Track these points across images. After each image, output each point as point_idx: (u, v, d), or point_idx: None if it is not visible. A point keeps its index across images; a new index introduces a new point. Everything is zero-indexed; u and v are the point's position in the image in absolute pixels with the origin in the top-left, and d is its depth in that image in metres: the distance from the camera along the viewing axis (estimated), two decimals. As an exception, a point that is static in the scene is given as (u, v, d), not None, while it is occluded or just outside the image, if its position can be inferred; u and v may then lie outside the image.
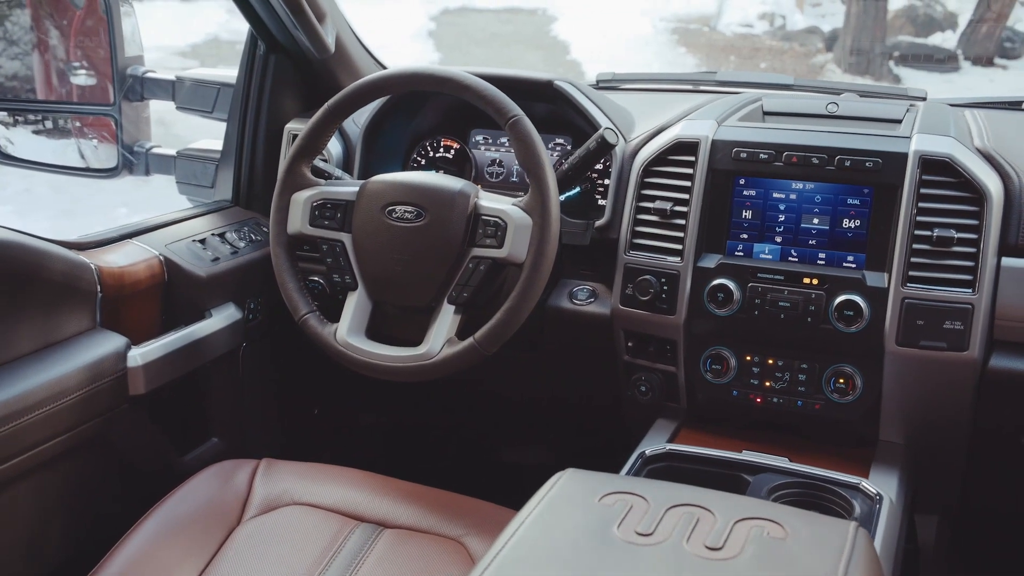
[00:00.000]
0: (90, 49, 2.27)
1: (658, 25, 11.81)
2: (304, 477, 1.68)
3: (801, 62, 10.87)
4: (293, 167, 1.71)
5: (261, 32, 1.97)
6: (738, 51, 11.25)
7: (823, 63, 10.81)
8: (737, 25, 11.93)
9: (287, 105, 2.06)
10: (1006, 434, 1.66)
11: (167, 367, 1.74)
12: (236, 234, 1.98)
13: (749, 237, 1.69)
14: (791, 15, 12.11)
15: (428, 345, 1.61)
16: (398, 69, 1.65)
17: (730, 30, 11.90)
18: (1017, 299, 1.56)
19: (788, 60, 10.87)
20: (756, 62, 10.84)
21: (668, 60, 10.77)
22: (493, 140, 2.05)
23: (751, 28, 11.91)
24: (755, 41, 11.57)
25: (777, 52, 11.17)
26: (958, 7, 12.17)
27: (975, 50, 11.08)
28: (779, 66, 10.67)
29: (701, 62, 10.90)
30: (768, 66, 10.67)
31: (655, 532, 1.15)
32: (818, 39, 11.46)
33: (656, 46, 11.22)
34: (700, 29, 11.97)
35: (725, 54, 11.14)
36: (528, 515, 1.19)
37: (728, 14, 11.99)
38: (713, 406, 1.76)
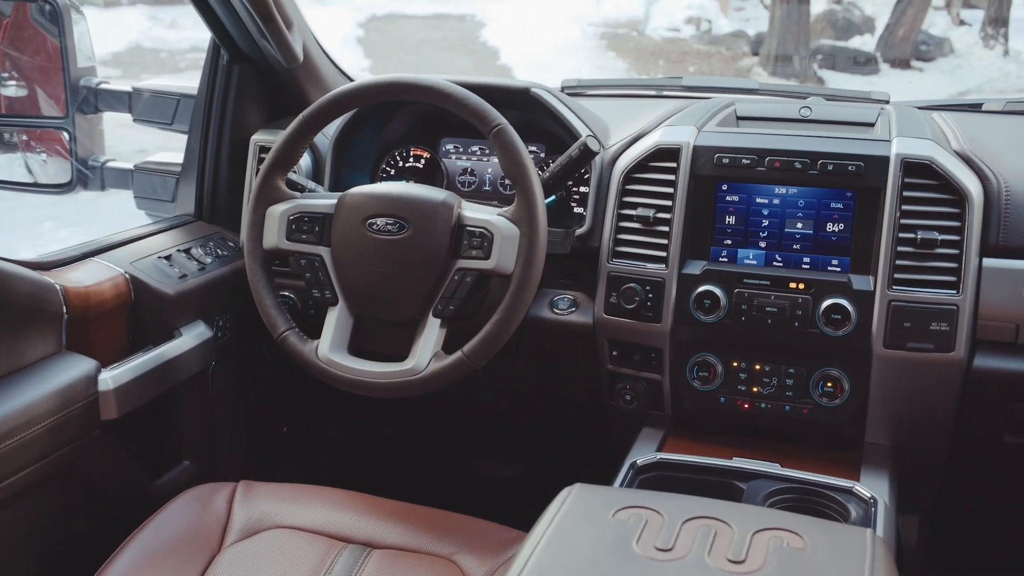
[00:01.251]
0: (21, 59, 2.17)
1: (587, 30, 11.91)
2: (284, 499, 1.63)
3: (728, 65, 11.05)
4: (267, 180, 1.65)
5: (224, 41, 1.91)
6: (666, 55, 11.39)
7: (749, 66, 11.01)
8: (664, 30, 12.09)
9: (251, 116, 2.00)
10: (988, 433, 1.68)
11: (139, 390, 1.67)
12: (202, 249, 1.92)
13: (733, 243, 1.69)
14: (716, 19, 12.32)
15: (414, 360, 1.57)
16: (377, 78, 1.61)
17: (658, 34, 12.05)
18: (998, 299, 1.58)
19: (716, 63, 11.04)
20: (684, 66, 10.99)
21: (598, 65, 10.86)
22: (464, 149, 2.02)
23: (678, 32, 12.08)
24: (683, 45, 11.73)
25: (705, 56, 11.34)
26: (875, 11, 12.51)
27: (893, 53, 11.40)
28: (707, 69, 10.84)
29: (630, 66, 11.01)
30: (696, 70, 10.83)
31: (675, 547, 1.13)
32: (744, 43, 11.67)
33: (585, 51, 11.31)
34: (628, 34, 12.10)
35: (654, 58, 11.27)
36: (543, 534, 1.16)
37: (655, 19, 12.15)
38: (700, 413, 1.75)
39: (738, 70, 10.92)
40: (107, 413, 1.61)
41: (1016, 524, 1.94)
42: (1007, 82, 11.06)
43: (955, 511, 1.84)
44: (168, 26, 12.38)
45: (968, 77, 11.18)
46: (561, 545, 1.14)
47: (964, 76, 11.21)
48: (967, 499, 1.87)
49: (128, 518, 1.57)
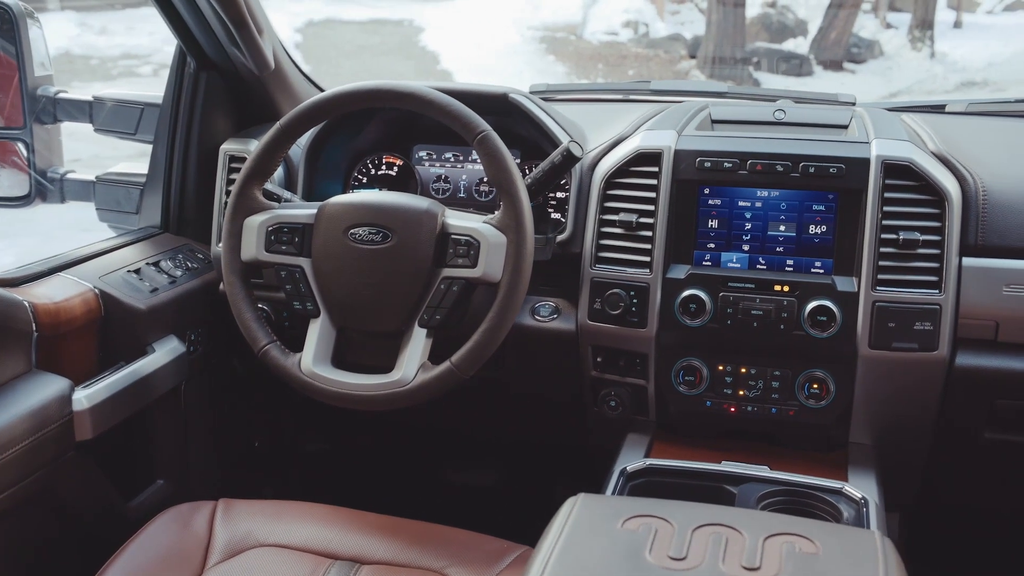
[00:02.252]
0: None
1: (526, 34, 11.93)
2: (267, 516, 1.59)
3: (666, 68, 11.15)
4: (244, 190, 1.61)
5: (191, 48, 1.86)
6: (606, 59, 11.46)
7: (687, 69, 11.12)
8: (603, 33, 12.16)
9: (219, 125, 1.95)
10: (968, 430, 1.70)
11: (114, 408, 1.62)
12: (171, 262, 1.86)
13: (716, 246, 1.69)
14: (654, 23, 12.43)
15: (401, 371, 1.54)
16: (358, 86, 1.58)
17: (596, 38, 12.11)
18: (978, 297, 1.60)
19: (654, 67, 11.14)
20: (623, 69, 11.07)
21: (538, 69, 10.89)
22: (437, 156, 1.99)
23: (616, 36, 12.16)
24: (621, 49, 11.81)
25: (643, 59, 11.43)
26: (808, 15, 12.74)
27: (826, 55, 11.62)
28: (646, 73, 10.93)
29: (570, 70, 11.06)
30: (635, 73, 10.92)
31: (688, 556, 1.12)
32: (681, 46, 11.80)
33: (526, 55, 11.33)
34: (567, 38, 12.14)
35: (593, 62, 11.33)
36: (553, 547, 1.14)
37: (593, 23, 12.21)
38: (685, 418, 1.75)
39: (676, 73, 11.03)
40: (82, 434, 1.55)
41: (993, 519, 1.97)
42: (935, 83, 11.34)
43: (934, 507, 1.87)
44: (98, 32, 12.11)
45: (898, 78, 11.44)
46: (573, 557, 1.12)
47: (894, 77, 11.47)
48: (946, 495, 1.90)
49: (103, 541, 1.52)
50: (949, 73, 11.69)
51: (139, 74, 10.69)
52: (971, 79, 11.51)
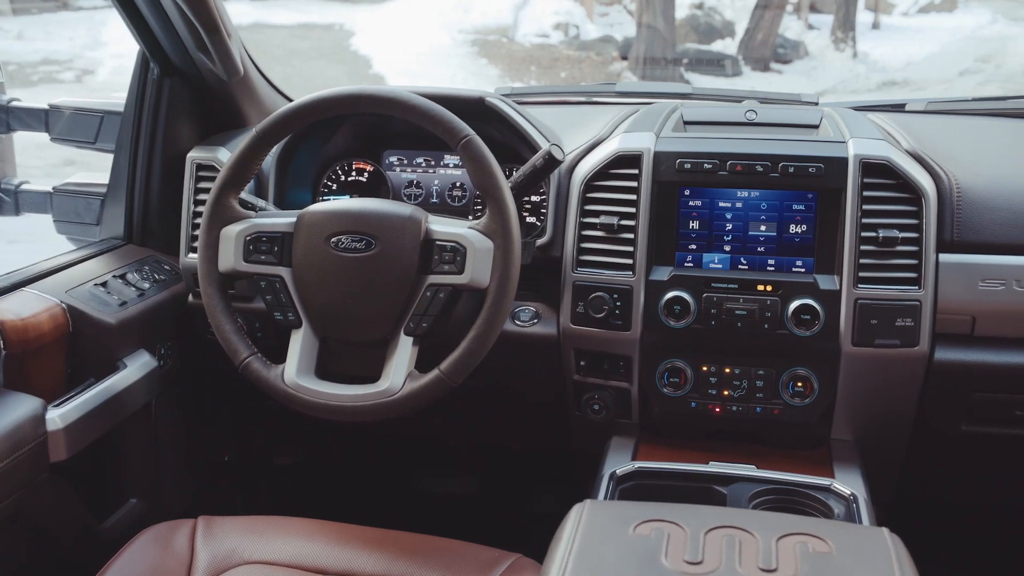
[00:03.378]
0: None
1: (457, 37, 11.90)
2: (249, 532, 1.54)
3: (599, 70, 11.22)
4: (220, 199, 1.57)
5: (155, 54, 1.80)
6: (538, 61, 11.49)
7: (619, 71, 11.21)
8: (534, 36, 12.19)
9: (184, 132, 1.90)
10: (946, 423, 1.73)
11: (88, 427, 1.56)
12: (138, 274, 1.81)
13: (698, 247, 1.69)
14: (584, 25, 12.50)
15: (389, 381, 1.51)
16: (337, 91, 1.54)
17: (528, 41, 12.14)
18: (955, 293, 1.63)
19: (586, 69, 11.20)
20: (556, 71, 11.11)
21: (471, 71, 10.87)
22: (408, 161, 1.96)
23: (547, 38, 12.21)
24: (553, 51, 11.85)
25: (575, 61, 11.49)
26: (734, 16, 12.95)
27: (753, 55, 11.82)
28: (578, 75, 10.99)
29: (503, 72, 11.06)
30: (568, 75, 10.96)
31: (704, 559, 1.12)
32: (612, 48, 11.89)
33: (458, 58, 11.30)
34: (499, 40, 12.14)
35: (526, 64, 11.35)
36: (567, 556, 1.13)
37: (524, 25, 12.23)
38: (670, 419, 1.75)
39: (608, 74, 11.11)
40: (56, 454, 1.50)
41: (970, 511, 2.01)
42: (858, 83, 11.62)
43: (911, 501, 1.89)
44: (15, 37, 11.77)
45: (823, 78, 11.69)
46: (590, 565, 1.11)
47: (819, 77, 11.72)
48: (923, 489, 1.93)
49: (78, 566, 1.46)
50: (871, 73, 11.99)
51: (61, 80, 10.42)
52: (892, 79, 11.82)
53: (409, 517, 2.23)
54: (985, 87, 11.54)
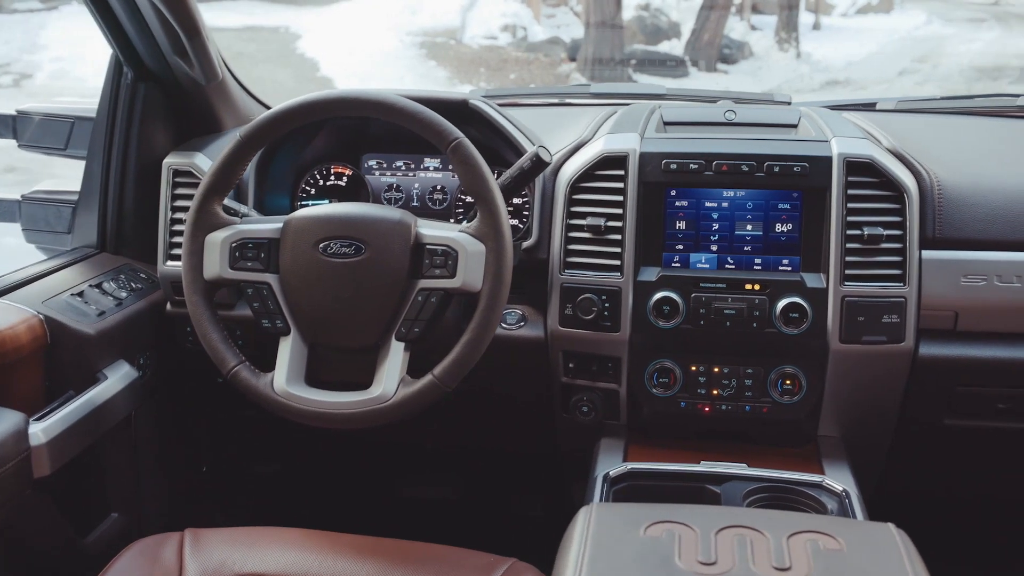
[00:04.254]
0: None
1: (405, 40, 11.85)
2: (238, 544, 1.51)
3: (548, 71, 11.26)
4: (204, 206, 1.53)
5: (129, 58, 1.76)
6: (487, 63, 11.49)
7: (568, 72, 11.25)
8: (482, 38, 12.19)
9: (158, 138, 1.86)
10: (929, 417, 1.76)
11: (71, 441, 1.52)
12: (114, 283, 1.76)
13: (685, 247, 1.69)
14: (531, 27, 12.53)
15: (381, 387, 1.49)
16: (323, 94, 1.52)
17: (476, 43, 12.13)
18: (938, 289, 1.65)
19: (535, 70, 11.22)
20: (505, 73, 11.12)
21: (420, 74, 10.83)
22: (388, 164, 1.94)
23: (495, 40, 12.21)
24: (501, 53, 11.86)
25: (524, 63, 11.50)
26: (680, 17, 13.08)
27: (700, 56, 11.94)
28: (527, 76, 11.00)
29: (452, 75, 11.04)
30: (517, 77, 10.98)
31: (718, 560, 1.12)
32: (561, 49, 11.93)
33: (406, 60, 11.25)
34: (447, 42, 12.11)
35: (474, 66, 11.34)
36: (580, 559, 1.12)
37: (472, 27, 12.22)
38: (660, 419, 1.75)
39: (557, 76, 11.15)
40: (40, 470, 1.45)
41: (951, 504, 2.04)
42: (802, 82, 11.81)
43: (894, 495, 1.92)
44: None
45: (768, 78, 11.87)
46: (605, 567, 1.11)
47: (764, 77, 11.90)
48: (906, 483, 1.95)
49: None
50: (814, 73, 12.20)
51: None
52: (835, 78, 12.04)
53: (393, 524, 2.21)
54: (924, 86, 11.81)
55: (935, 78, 12.18)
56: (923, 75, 12.24)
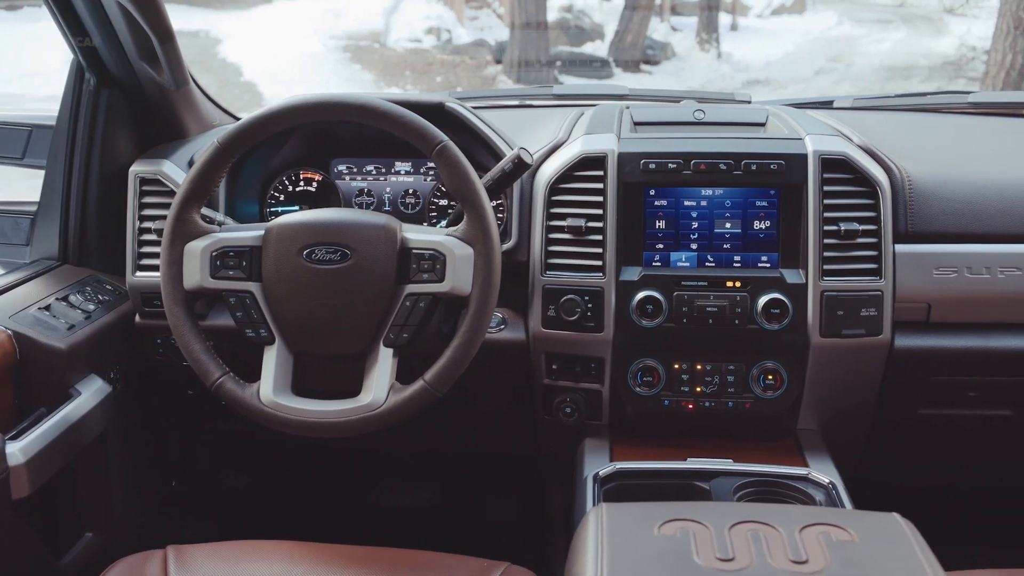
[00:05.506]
0: None
1: (329, 43, 11.71)
2: (225, 559, 1.47)
3: (474, 74, 11.24)
4: (182, 214, 1.49)
5: (92, 64, 1.70)
6: (412, 66, 11.42)
7: (494, 74, 11.25)
8: (406, 41, 12.11)
9: (122, 145, 1.80)
10: (904, 408, 1.80)
11: (49, 460, 1.47)
12: (80, 296, 1.70)
13: (665, 247, 1.70)
14: (455, 29, 12.50)
15: (371, 394, 1.47)
16: (304, 98, 1.49)
17: (400, 46, 12.05)
18: (911, 282, 1.69)
19: (461, 73, 11.20)
20: (431, 76, 11.07)
21: (345, 78, 10.72)
22: (358, 169, 1.91)
23: (420, 43, 12.15)
24: (427, 56, 11.80)
25: (450, 66, 11.47)
26: (603, 19, 13.19)
27: (624, 57, 12.05)
28: (454, 79, 10.98)
29: (377, 78, 10.95)
30: (443, 80, 10.94)
31: (736, 556, 1.12)
32: (486, 51, 11.93)
33: (330, 64, 11.12)
34: (371, 46, 12.01)
35: (400, 69, 11.27)
36: (599, 558, 1.12)
37: (396, 30, 12.14)
38: (643, 418, 1.76)
39: (484, 78, 11.14)
40: (19, 491, 1.40)
41: (927, 493, 2.08)
42: (724, 82, 12.00)
43: (871, 485, 1.96)
44: None
45: (690, 78, 12.03)
46: (626, 566, 1.10)
47: (687, 77, 12.06)
48: (882, 473, 1.99)
49: None
50: (735, 72, 12.40)
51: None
52: (755, 77, 12.26)
53: (369, 532, 2.17)
54: (840, 85, 12.09)
55: (849, 77, 12.48)
56: (838, 74, 12.53)
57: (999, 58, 9.79)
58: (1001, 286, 1.69)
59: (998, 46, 9.88)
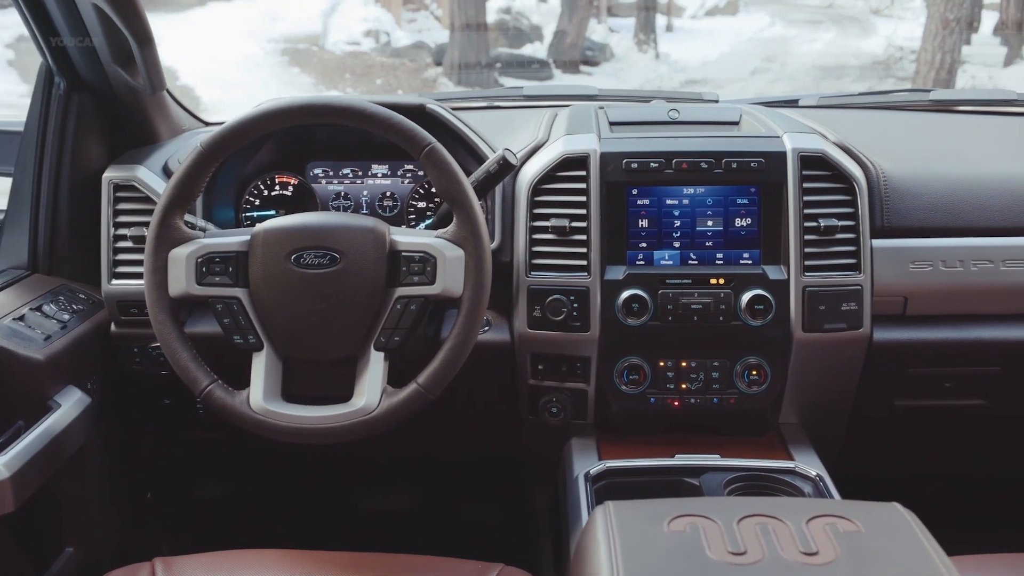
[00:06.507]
0: None
1: (266, 47, 11.58)
2: (215, 570, 1.44)
3: (414, 76, 11.20)
4: (166, 220, 1.46)
5: (63, 68, 1.65)
6: (352, 69, 11.34)
7: (435, 77, 11.23)
8: (345, 44, 12.02)
9: (93, 151, 1.75)
10: (882, 400, 1.83)
11: (34, 474, 1.42)
12: (54, 305, 1.66)
13: (648, 245, 1.71)
14: (394, 32, 12.44)
15: (364, 398, 1.46)
16: (289, 101, 1.46)
17: (339, 48, 11.96)
18: (888, 276, 1.73)
19: (401, 75, 11.15)
20: (371, 79, 11.01)
21: (284, 81, 10.61)
22: (334, 172, 1.89)
23: (359, 46, 12.07)
24: (366, 59, 11.73)
25: (390, 68, 11.41)
26: (541, 20, 13.24)
27: (564, 58, 12.12)
28: (394, 82, 10.93)
29: (317, 81, 10.86)
30: (384, 82, 10.88)
31: (747, 549, 1.13)
32: (426, 54, 11.89)
33: (269, 67, 11.00)
34: (310, 49, 11.90)
35: (339, 72, 11.18)
36: (614, 556, 1.12)
37: (334, 33, 12.05)
38: (629, 416, 1.76)
39: (424, 81, 11.11)
40: (4, 507, 1.36)
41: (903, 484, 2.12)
42: (662, 82, 12.14)
43: (850, 476, 1.99)
44: None
45: (629, 78, 12.14)
46: (641, 562, 1.11)
47: (626, 78, 12.16)
48: (861, 464, 2.02)
49: None
50: (673, 73, 12.55)
51: None
52: (692, 77, 12.42)
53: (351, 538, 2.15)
54: (776, 84, 12.30)
55: (784, 77, 12.70)
56: (774, 74, 12.75)
57: (929, 58, 10.10)
58: (974, 278, 1.73)
59: (927, 46, 10.19)
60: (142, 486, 1.98)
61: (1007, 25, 12.53)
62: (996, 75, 11.28)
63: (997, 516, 2.16)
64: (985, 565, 1.45)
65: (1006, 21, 12.63)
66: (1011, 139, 2.09)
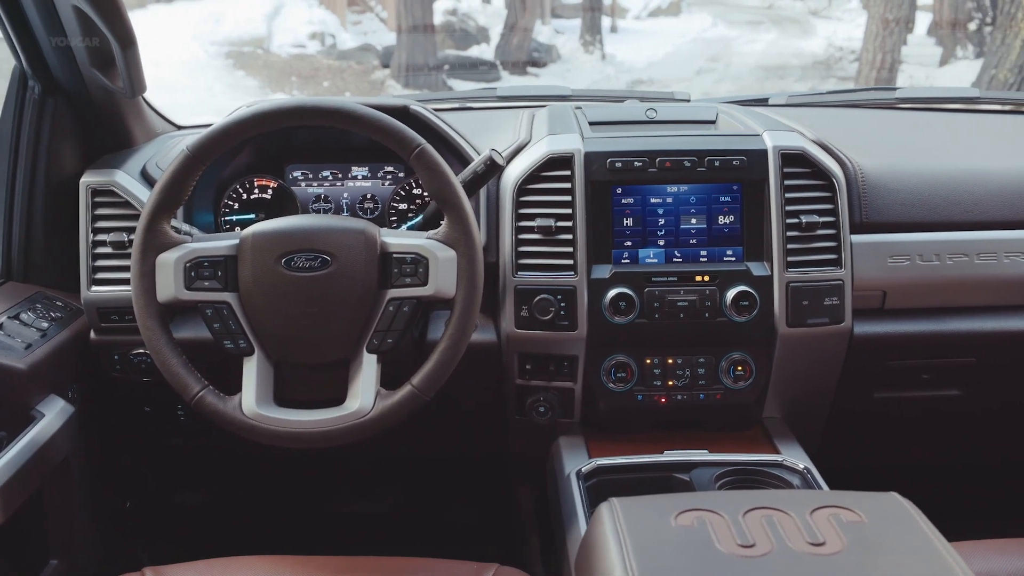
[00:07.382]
0: None
1: (210, 50, 11.41)
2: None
3: (361, 79, 11.13)
4: (153, 225, 1.44)
5: (38, 71, 1.62)
6: (298, 72, 11.24)
7: (383, 79, 11.16)
8: (290, 46, 11.91)
9: (68, 156, 1.71)
10: (862, 392, 1.86)
11: (22, 485, 1.40)
12: (32, 313, 1.62)
13: (633, 244, 1.72)
14: (339, 34, 12.35)
15: (358, 401, 1.45)
16: (277, 103, 1.45)
17: (285, 51, 11.84)
18: (867, 271, 1.76)
19: (348, 78, 11.07)
20: (318, 82, 10.91)
21: (229, 84, 10.48)
22: (314, 175, 1.87)
23: (304, 48, 11.96)
24: (312, 61, 11.63)
25: (336, 71, 11.33)
26: (488, 22, 13.24)
27: (511, 59, 12.13)
28: (341, 85, 10.84)
29: (263, 84, 10.74)
30: (331, 85, 10.79)
31: (755, 542, 1.15)
32: (373, 56, 11.83)
33: (213, 70, 10.84)
34: (255, 52, 11.76)
35: (286, 75, 11.07)
36: (625, 551, 1.13)
37: (279, 35, 11.92)
38: (616, 414, 1.77)
39: (372, 83, 11.04)
40: None
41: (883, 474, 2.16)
42: (609, 83, 12.20)
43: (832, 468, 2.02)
44: None
45: (576, 79, 12.17)
46: (652, 558, 1.12)
47: (573, 79, 12.19)
48: (842, 456, 2.05)
49: None
50: (620, 73, 12.62)
51: None
52: (639, 78, 12.51)
53: (336, 542, 2.14)
54: (721, 84, 12.44)
55: (729, 76, 12.85)
56: (719, 74, 12.89)
57: (870, 57, 10.31)
58: (950, 272, 1.77)
59: (869, 46, 10.41)
60: (122, 495, 1.94)
61: (941, 25, 12.82)
62: (932, 74, 11.53)
63: (978, 504, 2.21)
64: (981, 549, 1.48)
65: (940, 21, 12.92)
66: (978, 136, 2.14)
